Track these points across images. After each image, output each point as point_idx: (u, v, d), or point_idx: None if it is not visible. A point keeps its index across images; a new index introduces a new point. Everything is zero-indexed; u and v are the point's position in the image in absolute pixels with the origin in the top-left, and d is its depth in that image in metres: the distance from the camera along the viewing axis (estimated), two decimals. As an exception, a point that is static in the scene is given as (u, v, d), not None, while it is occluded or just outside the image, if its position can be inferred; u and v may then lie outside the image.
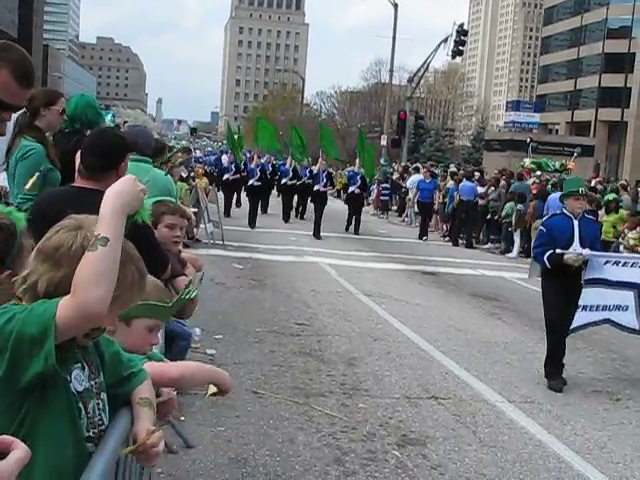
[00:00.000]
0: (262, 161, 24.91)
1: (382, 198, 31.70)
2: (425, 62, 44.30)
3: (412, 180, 27.17)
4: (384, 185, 31.41)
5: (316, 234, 20.01)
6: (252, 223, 21.22)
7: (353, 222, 22.43)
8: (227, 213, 23.26)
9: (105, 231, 1.99)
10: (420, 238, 22.17)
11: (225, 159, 26.81)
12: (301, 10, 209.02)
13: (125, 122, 23.10)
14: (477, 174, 23.94)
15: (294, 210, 25.97)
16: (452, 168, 30.46)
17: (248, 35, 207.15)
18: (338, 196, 36.48)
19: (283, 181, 25.45)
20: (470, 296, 13.07)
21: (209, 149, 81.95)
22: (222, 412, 6.05)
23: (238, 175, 24.12)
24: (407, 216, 28.60)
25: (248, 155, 24.66)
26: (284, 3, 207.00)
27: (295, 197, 25.86)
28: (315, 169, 22.50)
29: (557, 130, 79.77)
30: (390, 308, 11.18)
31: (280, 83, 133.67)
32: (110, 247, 1.96)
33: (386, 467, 5.36)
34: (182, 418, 5.57)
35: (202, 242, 15.79)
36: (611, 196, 16.44)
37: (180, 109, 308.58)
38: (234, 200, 25.76)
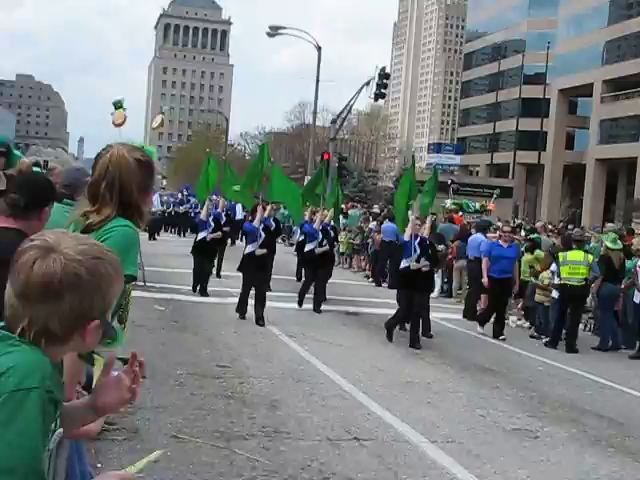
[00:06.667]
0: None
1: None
2: (348, 104, 44.83)
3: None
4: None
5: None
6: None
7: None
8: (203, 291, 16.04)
9: None
10: (481, 325, 14.58)
11: (205, 205, 16.96)
12: (225, 51, 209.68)
13: (45, 161, 22.58)
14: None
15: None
16: (375, 209, 30.82)
17: (172, 75, 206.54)
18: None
19: (309, 247, 16.27)
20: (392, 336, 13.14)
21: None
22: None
23: (219, 232, 16.76)
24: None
25: (215, 198, 18.26)
26: (208, 44, 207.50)
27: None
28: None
29: (477, 172, 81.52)
30: (313, 349, 11.16)
31: (204, 123, 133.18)
32: None
33: (308, 511, 5.31)
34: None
35: (123, 283, 15.51)
36: (534, 236, 16.87)
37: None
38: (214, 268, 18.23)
